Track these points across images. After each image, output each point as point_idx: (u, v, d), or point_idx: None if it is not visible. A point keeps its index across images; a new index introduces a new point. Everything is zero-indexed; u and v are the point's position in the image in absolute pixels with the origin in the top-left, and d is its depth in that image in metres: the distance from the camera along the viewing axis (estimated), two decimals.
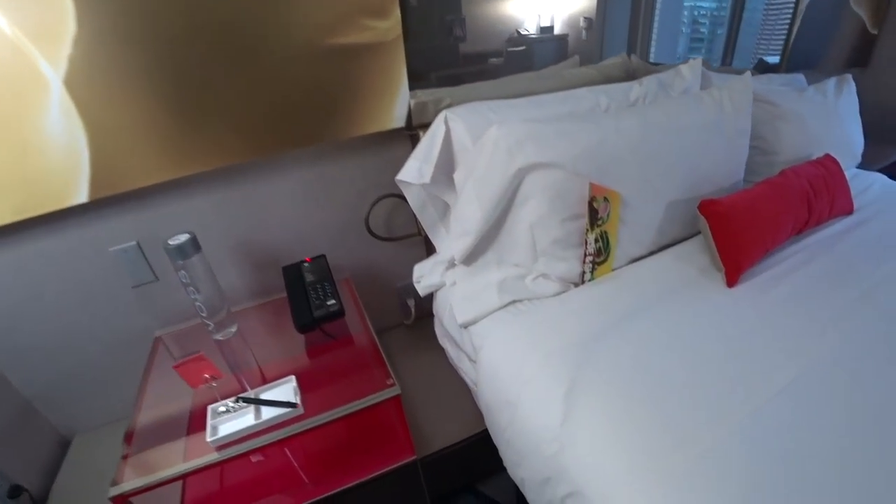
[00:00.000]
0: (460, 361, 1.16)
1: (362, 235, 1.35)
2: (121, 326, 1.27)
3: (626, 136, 1.09)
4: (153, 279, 1.23)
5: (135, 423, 1.01)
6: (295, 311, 1.08)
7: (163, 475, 0.89)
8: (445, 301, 1.16)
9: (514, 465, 0.94)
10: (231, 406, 0.93)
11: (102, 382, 1.34)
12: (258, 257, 1.31)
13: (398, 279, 1.50)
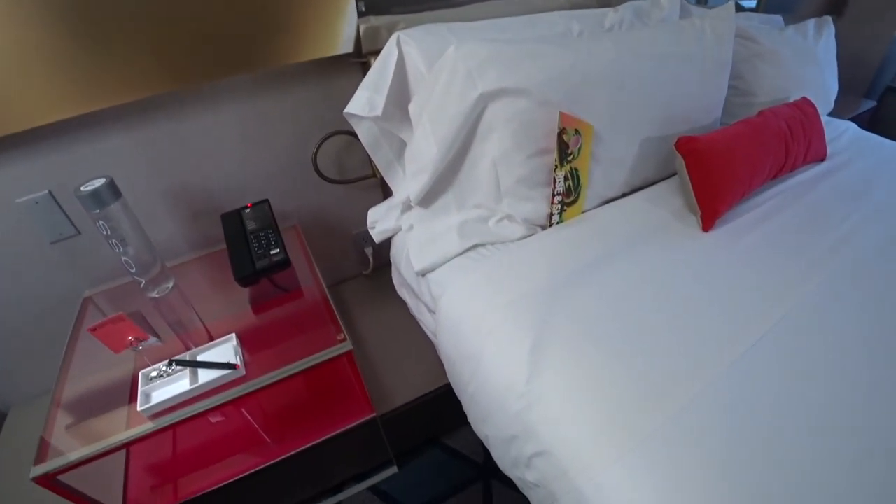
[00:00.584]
0: (419, 312, 1.08)
1: (310, 178, 1.22)
2: (42, 288, 1.14)
3: (600, 61, 0.98)
4: (74, 233, 1.08)
5: (59, 394, 0.91)
6: (235, 263, 0.97)
7: (89, 451, 0.80)
8: (402, 247, 1.06)
9: (478, 422, 0.88)
10: (164, 370, 0.84)
11: (32, 351, 1.22)
12: (193, 204, 1.17)
13: (354, 226, 1.39)
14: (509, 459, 0.80)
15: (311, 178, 1.21)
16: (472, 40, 0.95)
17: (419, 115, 1.00)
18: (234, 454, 1.03)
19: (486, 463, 1.30)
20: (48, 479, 0.79)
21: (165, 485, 1.02)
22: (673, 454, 0.62)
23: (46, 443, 0.83)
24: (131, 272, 0.97)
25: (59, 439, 0.84)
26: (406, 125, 1.08)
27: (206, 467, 1.03)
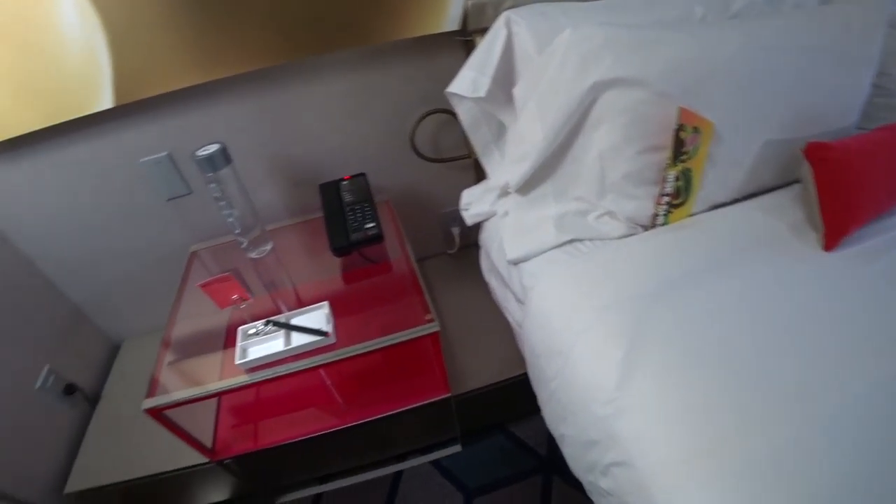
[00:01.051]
0: (506, 300, 1.06)
1: (406, 155, 1.23)
2: (157, 240, 1.24)
3: (726, 51, 0.89)
4: (187, 192, 1.17)
5: (168, 337, 0.99)
6: (331, 233, 1.00)
7: (191, 393, 0.87)
8: (495, 233, 1.04)
9: (555, 419, 0.86)
10: (261, 329, 0.88)
11: (145, 293, 1.35)
12: (294, 173, 1.22)
13: (443, 205, 1.39)
14: (584, 462, 0.77)
15: (407, 154, 1.22)
16: (586, 23, 0.90)
17: (525, 99, 0.96)
18: (312, 413, 1.08)
19: (550, 457, 1.29)
20: (157, 412, 0.87)
21: (249, 431, 1.09)
22: (770, 490, 0.57)
23: (156, 380, 0.90)
24: (235, 233, 1.03)
25: (166, 378, 0.92)
26: (508, 108, 1.05)
27: (286, 421, 1.09)
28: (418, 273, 1.00)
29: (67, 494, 1.12)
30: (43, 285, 1.25)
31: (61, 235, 1.18)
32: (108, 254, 1.24)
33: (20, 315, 1.16)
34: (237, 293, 0.86)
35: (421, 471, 1.30)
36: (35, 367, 1.17)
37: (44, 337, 1.21)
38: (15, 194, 1.10)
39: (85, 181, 1.11)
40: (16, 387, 1.11)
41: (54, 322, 1.25)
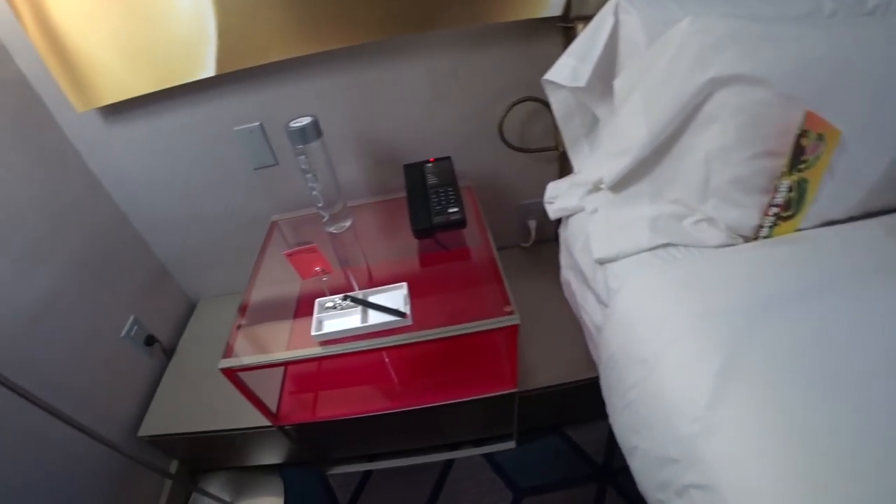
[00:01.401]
0: (584, 300, 1.02)
1: (491, 142, 1.20)
2: (241, 207, 1.28)
3: (863, 53, 0.80)
4: (273, 163, 1.20)
5: (247, 301, 1.02)
6: (413, 214, 0.99)
7: (268, 359, 0.89)
8: (580, 229, 1.00)
9: (629, 430, 0.82)
10: (338, 303, 0.89)
11: (224, 257, 1.40)
12: (378, 151, 1.22)
13: (522, 196, 1.35)
14: (657, 480, 0.73)
15: (493, 141, 1.19)
16: (705, 14, 0.84)
17: (628, 91, 0.91)
18: (374, 391, 1.09)
19: (606, 466, 1.24)
20: (231, 373, 0.89)
21: (311, 400, 1.11)
22: None
23: (232, 342, 0.93)
24: (317, 206, 1.04)
25: (241, 341, 0.95)
26: (605, 101, 1.00)
27: (348, 396, 1.10)
28: (499, 263, 0.97)
29: (140, 437, 1.19)
30: (134, 240, 1.32)
31: (155, 195, 1.24)
32: (195, 217, 1.30)
33: (114, 265, 1.23)
34: (321, 265, 0.87)
35: (472, 462, 1.29)
36: (122, 317, 1.24)
37: (132, 289, 1.28)
38: (119, 153, 1.16)
39: (182, 146, 1.16)
40: (106, 332, 1.18)
41: (141, 276, 1.33)
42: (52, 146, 1.10)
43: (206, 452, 1.29)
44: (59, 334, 1.05)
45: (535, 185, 1.30)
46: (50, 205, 1.07)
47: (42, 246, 1.04)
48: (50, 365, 1.02)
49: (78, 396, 1.08)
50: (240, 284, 1.44)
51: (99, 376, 1.13)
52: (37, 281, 1.02)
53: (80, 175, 1.16)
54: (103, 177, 1.20)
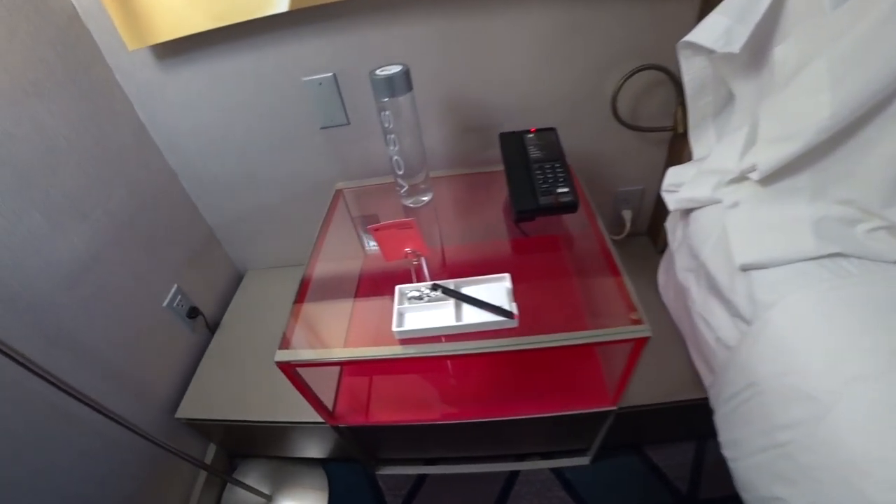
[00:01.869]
0: (707, 310, 0.85)
1: (599, 116, 1.02)
2: (302, 171, 1.13)
3: None
4: (344, 122, 1.03)
5: (307, 282, 0.87)
6: (515, 193, 0.82)
7: (336, 355, 0.75)
8: (711, 226, 0.82)
9: (769, 476, 0.65)
10: (426, 293, 0.73)
11: (278, 226, 1.26)
12: (468, 116, 1.04)
13: (621, 181, 1.16)
14: None
15: (601, 115, 1.01)
16: None
17: (798, 63, 0.72)
18: (448, 396, 0.94)
19: (692, 496, 1.08)
20: (289, 368, 0.76)
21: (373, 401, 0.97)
22: None
23: (290, 331, 0.78)
24: (397, 173, 0.88)
25: (301, 330, 0.80)
26: (749, 73, 0.81)
27: (417, 399, 0.96)
28: (617, 258, 0.80)
29: (178, 419, 1.07)
30: (182, 201, 1.18)
31: (207, 152, 1.10)
32: (250, 178, 1.15)
33: (159, 227, 1.10)
34: (414, 245, 0.71)
35: (539, 477, 1.14)
36: (165, 285, 1.11)
37: (177, 255, 1.15)
38: (171, 101, 1.01)
39: (242, 96, 1.00)
40: (147, 301, 1.05)
41: (188, 241, 1.19)
42: (100, 88, 0.96)
43: (246, 440, 1.17)
44: (96, 300, 0.93)
45: (637, 171, 1.12)
46: (93, 154, 0.94)
47: (82, 199, 0.91)
48: (85, 333, 0.90)
49: (114, 369, 0.96)
50: (292, 256, 1.31)
51: (137, 349, 1.01)
52: (74, 238, 0.90)
53: (127, 123, 1.02)
54: (153, 127, 1.06)
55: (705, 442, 1.16)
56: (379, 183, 1.08)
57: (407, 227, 0.68)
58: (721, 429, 0.81)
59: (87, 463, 0.88)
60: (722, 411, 0.80)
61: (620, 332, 0.68)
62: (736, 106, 0.87)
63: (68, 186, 0.88)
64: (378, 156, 1.07)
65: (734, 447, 0.75)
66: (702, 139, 0.93)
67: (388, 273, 0.86)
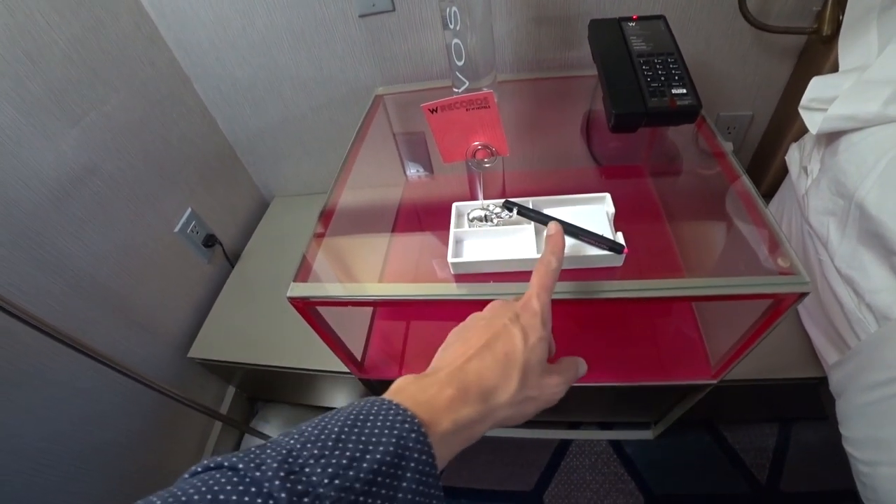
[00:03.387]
0: (853, 265, 0.61)
1: (720, 8, 0.75)
2: (335, 70, 0.90)
3: None
4: (389, 7, 0.79)
5: (335, 203, 0.68)
6: (613, 94, 0.58)
7: (369, 292, 0.56)
8: (878, 152, 0.59)
9: None
10: (495, 212, 0.53)
11: (309, 142, 1.06)
12: (548, 2, 0.78)
13: (724, 103, 0.90)
14: None
15: (722, 7, 0.75)
16: None
17: None
18: None
19: (773, 487, 0.90)
20: (305, 306, 0.58)
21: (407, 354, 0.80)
22: None
23: (309, 260, 0.59)
24: (457, 64, 0.66)
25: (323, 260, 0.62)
26: None
27: None
28: (753, 189, 0.56)
29: (190, 359, 0.93)
30: (196, 111, 0.98)
31: (223, 49, 0.89)
32: (275, 82, 0.94)
33: (169, 140, 0.91)
34: (490, 138, 0.49)
35: (595, 448, 0.96)
36: (177, 208, 0.93)
37: (190, 174, 0.96)
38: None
39: None
40: (155, 224, 0.88)
41: (203, 159, 1.00)
42: None
43: (266, 385, 1.02)
44: (93, 219, 0.76)
45: (748, 92, 0.87)
46: (84, 44, 0.74)
47: (70, 97, 0.72)
48: (81, 260, 0.74)
49: (114, 299, 0.80)
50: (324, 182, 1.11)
51: (143, 277, 0.85)
52: (65, 146, 0.72)
53: (128, 10, 0.81)
54: (159, 18, 0.85)
55: (791, 426, 0.96)
56: (429, 87, 0.85)
57: (481, 104, 0.46)
58: (850, 421, 0.60)
59: (84, 401, 0.74)
60: (858, 400, 0.59)
61: (768, 284, 0.47)
62: None
63: (52, 80, 0.69)
64: (430, 53, 0.84)
65: (875, 448, 0.55)
66: (858, 43, 0.67)
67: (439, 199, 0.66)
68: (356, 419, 0.27)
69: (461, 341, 0.35)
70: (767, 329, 0.52)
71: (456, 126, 0.49)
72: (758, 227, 0.53)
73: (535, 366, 0.33)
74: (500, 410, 0.31)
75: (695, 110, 0.57)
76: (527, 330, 0.34)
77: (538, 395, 0.34)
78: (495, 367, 0.32)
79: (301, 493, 0.22)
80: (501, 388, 0.32)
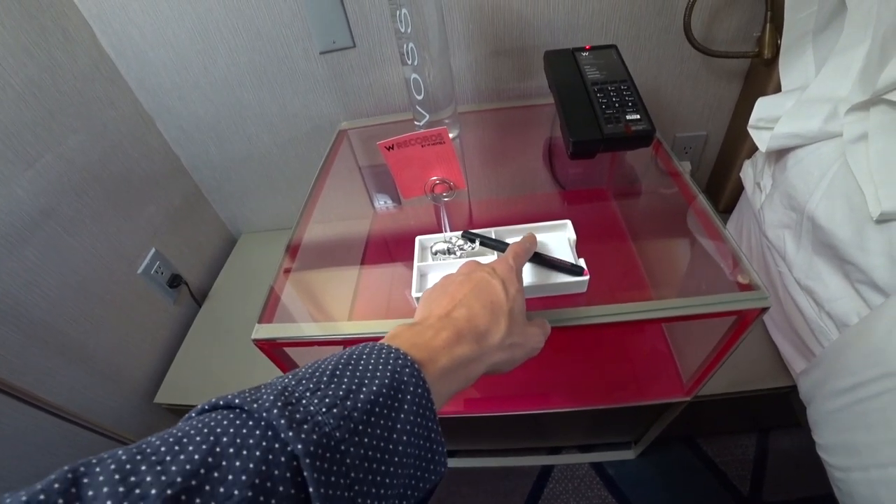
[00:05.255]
0: (811, 275, 0.63)
1: (667, 38, 0.79)
2: (297, 107, 0.90)
3: None
4: (349, 44, 0.80)
5: (299, 239, 0.67)
6: (570, 122, 0.59)
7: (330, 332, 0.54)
8: (824, 166, 0.62)
9: None
10: (457, 244, 0.53)
11: (274, 177, 1.05)
12: (504, 35, 0.80)
13: (681, 125, 0.93)
14: None
15: (669, 37, 0.78)
16: None
17: None
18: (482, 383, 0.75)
19: (754, 497, 0.90)
20: (269, 347, 0.56)
21: None
22: None
23: (273, 299, 0.58)
24: (416, 98, 0.67)
25: (289, 299, 0.61)
26: None
27: None
28: (707, 205, 0.58)
29: (157, 404, 0.89)
30: (160, 149, 0.96)
31: (185, 88, 0.88)
32: (237, 120, 0.93)
33: (132, 180, 0.89)
34: (446, 172, 0.50)
35: (577, 472, 0.95)
36: (140, 248, 0.91)
37: (154, 214, 0.94)
38: (136, 23, 0.80)
39: (223, 14, 0.78)
40: (116, 266, 0.85)
41: (168, 198, 0.98)
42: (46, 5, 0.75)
43: None
44: (50, 264, 0.73)
45: (701, 113, 0.90)
46: (40, 86, 0.72)
47: (24, 140, 0.70)
48: (36, 308, 0.71)
49: (77, 348, 0.77)
50: (292, 217, 1.10)
51: (104, 322, 0.81)
52: (19, 190, 0.69)
53: (85, 51, 0.80)
54: (119, 57, 0.84)
55: (767, 435, 0.97)
56: (392, 121, 0.86)
57: (436, 140, 0.46)
58: (821, 427, 0.61)
59: (41, 457, 0.70)
60: (827, 406, 0.60)
61: (731, 301, 0.47)
62: (848, 18, 0.65)
63: (5, 123, 0.67)
64: (392, 87, 0.85)
65: (846, 454, 0.56)
66: (796, 65, 0.71)
67: (406, 230, 0.66)
68: (349, 359, 0.27)
69: (444, 295, 0.35)
70: (734, 344, 0.53)
71: (413, 162, 0.49)
72: (717, 245, 0.54)
73: (518, 314, 0.35)
74: (493, 353, 0.33)
75: (649, 135, 0.59)
76: (506, 282, 0.36)
77: (524, 343, 0.36)
78: (483, 313, 0.33)
79: (300, 420, 0.22)
80: (492, 330, 0.33)
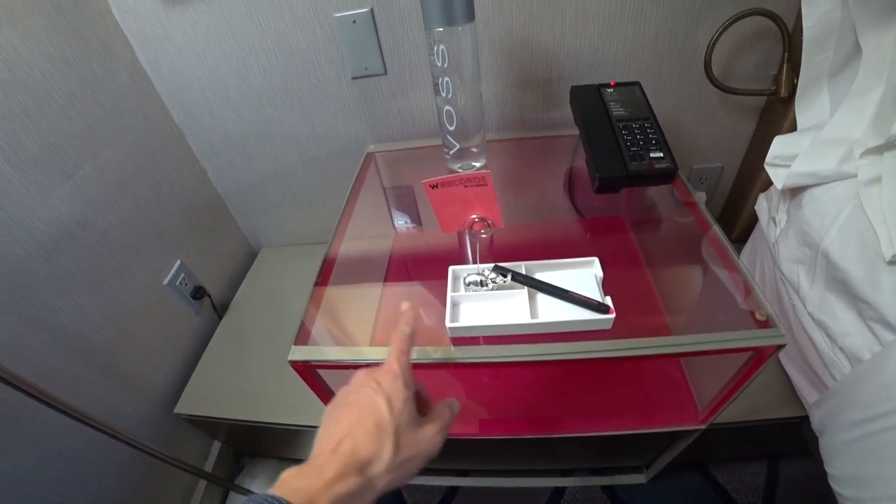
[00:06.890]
0: (823, 310, 0.65)
1: (688, 74, 0.82)
2: (326, 129, 0.94)
3: None
4: (381, 71, 0.84)
5: (333, 255, 0.70)
6: (596, 158, 0.63)
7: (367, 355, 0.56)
8: (838, 205, 0.65)
9: None
10: (489, 277, 0.56)
11: (298, 195, 1.08)
12: (531, 66, 0.83)
13: (697, 157, 0.96)
14: None
15: (690, 72, 0.81)
16: None
17: None
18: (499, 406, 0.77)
19: None
20: (305, 369, 0.58)
21: None
22: None
23: (308, 324, 0.60)
24: (448, 129, 0.70)
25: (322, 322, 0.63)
26: (883, 21, 0.64)
27: None
28: (725, 242, 0.60)
29: (177, 414, 0.91)
30: (188, 163, 1.00)
31: (217, 105, 0.92)
32: (266, 138, 0.97)
33: (161, 193, 0.92)
34: (486, 211, 0.53)
35: (588, 495, 0.97)
36: (167, 260, 0.93)
37: (180, 226, 0.97)
38: (175, 43, 0.83)
39: (258, 36, 0.82)
40: (143, 277, 0.87)
41: (194, 211, 1.01)
42: (91, 22, 0.77)
43: (254, 440, 1.00)
44: (82, 274, 0.76)
45: (718, 145, 0.93)
46: (80, 99, 0.75)
47: (65, 152, 0.73)
48: (67, 312, 0.73)
49: (100, 355, 0.79)
50: (312, 233, 1.13)
51: (130, 332, 0.84)
52: (57, 200, 0.72)
53: (125, 67, 0.84)
54: (155, 74, 0.88)
55: (778, 463, 0.98)
56: (418, 146, 0.89)
57: (479, 182, 0.49)
58: (833, 458, 0.63)
59: (62, 462, 0.72)
60: (839, 438, 0.62)
61: (748, 338, 0.50)
62: (863, 63, 0.69)
63: (47, 135, 0.71)
64: (419, 113, 0.88)
65: (858, 486, 0.58)
66: (812, 105, 0.74)
67: (427, 254, 0.69)
68: None
69: (333, 423, 0.37)
70: (750, 377, 0.56)
71: (455, 200, 0.52)
72: (732, 275, 0.57)
73: (406, 428, 0.36)
74: (380, 479, 0.34)
75: (672, 172, 0.62)
76: (391, 396, 0.37)
77: (416, 453, 0.37)
78: (367, 440, 0.34)
79: None
80: (377, 457, 0.34)
